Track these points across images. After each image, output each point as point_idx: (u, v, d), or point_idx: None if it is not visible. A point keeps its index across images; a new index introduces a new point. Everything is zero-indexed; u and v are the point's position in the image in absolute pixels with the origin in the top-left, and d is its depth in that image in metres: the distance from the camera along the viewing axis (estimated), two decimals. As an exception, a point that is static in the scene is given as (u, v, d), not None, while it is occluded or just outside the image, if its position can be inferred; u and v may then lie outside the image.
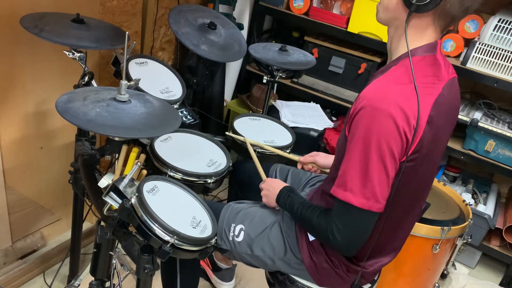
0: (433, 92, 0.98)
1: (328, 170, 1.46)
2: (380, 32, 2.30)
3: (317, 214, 1.09)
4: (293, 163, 1.55)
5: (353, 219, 0.99)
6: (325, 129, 2.34)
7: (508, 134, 2.11)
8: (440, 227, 1.71)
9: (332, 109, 2.58)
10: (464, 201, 1.98)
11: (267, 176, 1.55)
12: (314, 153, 1.47)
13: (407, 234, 1.21)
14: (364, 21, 2.33)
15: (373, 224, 1.01)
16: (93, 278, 1.22)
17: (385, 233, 1.10)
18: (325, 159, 1.45)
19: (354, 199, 0.96)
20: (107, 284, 1.24)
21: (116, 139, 1.24)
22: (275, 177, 1.54)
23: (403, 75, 0.97)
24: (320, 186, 1.27)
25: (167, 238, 0.98)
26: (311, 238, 1.18)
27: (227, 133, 1.59)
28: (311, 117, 2.38)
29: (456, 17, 0.99)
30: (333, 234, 1.01)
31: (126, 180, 1.03)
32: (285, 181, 1.53)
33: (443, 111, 1.00)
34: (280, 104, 2.39)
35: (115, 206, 1.03)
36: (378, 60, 2.42)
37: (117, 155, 1.27)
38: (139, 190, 1.01)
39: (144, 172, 1.23)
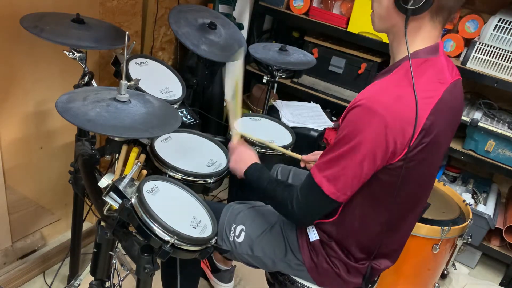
0: (433, 96, 0.97)
1: None
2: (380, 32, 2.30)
3: (282, 186, 1.13)
4: (294, 163, 1.55)
5: (316, 201, 1.04)
6: (325, 129, 2.34)
7: (508, 134, 2.11)
8: (440, 227, 1.71)
9: (332, 109, 2.58)
10: (464, 201, 1.98)
11: None
12: (316, 152, 1.48)
13: (406, 236, 1.21)
14: (364, 21, 2.33)
15: (331, 209, 1.07)
16: (93, 278, 1.22)
17: (388, 231, 1.10)
18: None
19: (326, 186, 1.00)
20: (107, 284, 1.24)
21: (116, 139, 1.24)
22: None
23: (403, 79, 0.97)
24: None
25: (167, 238, 0.97)
26: (312, 239, 1.18)
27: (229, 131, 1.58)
28: (311, 117, 2.38)
29: (453, 8, 0.98)
30: (291, 204, 1.07)
31: (126, 180, 1.03)
32: (286, 180, 1.53)
33: (443, 115, 0.99)
34: (280, 104, 2.39)
35: (115, 206, 1.03)
36: (378, 60, 2.42)
37: (117, 155, 1.26)
38: (139, 190, 1.01)
39: (144, 172, 1.22)
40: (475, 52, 2.13)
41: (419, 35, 1.00)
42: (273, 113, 2.31)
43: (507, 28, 2.05)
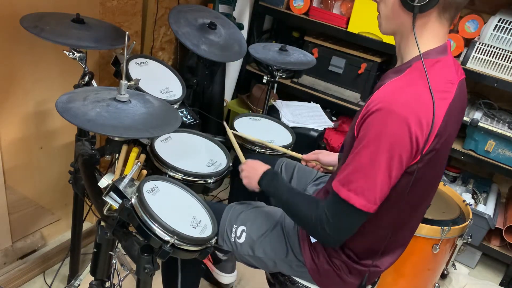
0: (447, 96, 0.97)
1: (330, 168, 1.46)
2: (380, 32, 2.30)
3: (306, 202, 1.08)
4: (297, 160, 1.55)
5: (347, 217, 0.99)
6: (325, 129, 2.34)
7: (508, 134, 2.11)
8: (440, 227, 1.71)
9: (332, 109, 2.58)
10: (464, 201, 1.98)
11: None
12: (317, 151, 1.48)
13: (412, 233, 1.21)
14: (364, 21, 2.33)
15: (363, 222, 1.01)
16: (93, 278, 1.22)
17: (392, 233, 1.10)
18: (328, 157, 1.45)
19: (356, 200, 0.96)
20: (107, 284, 1.24)
21: (116, 139, 1.24)
22: (281, 173, 1.52)
23: (418, 80, 0.95)
24: (324, 186, 1.27)
25: (167, 238, 0.97)
26: (313, 240, 1.18)
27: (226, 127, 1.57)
28: (311, 117, 2.38)
29: (460, 4, 0.97)
30: (322, 226, 1.01)
31: (126, 180, 1.03)
32: (291, 177, 1.52)
33: (454, 115, 0.99)
34: (280, 104, 2.39)
35: (115, 206, 1.03)
36: (378, 60, 2.42)
37: (117, 155, 1.27)
38: (139, 190, 1.01)
39: (144, 172, 1.23)
40: (475, 52, 2.13)
41: (426, 33, 0.99)
42: (273, 113, 2.31)
43: (507, 28, 2.05)
